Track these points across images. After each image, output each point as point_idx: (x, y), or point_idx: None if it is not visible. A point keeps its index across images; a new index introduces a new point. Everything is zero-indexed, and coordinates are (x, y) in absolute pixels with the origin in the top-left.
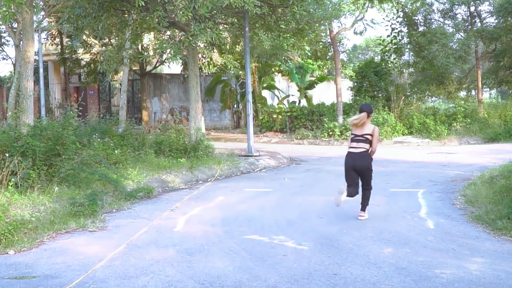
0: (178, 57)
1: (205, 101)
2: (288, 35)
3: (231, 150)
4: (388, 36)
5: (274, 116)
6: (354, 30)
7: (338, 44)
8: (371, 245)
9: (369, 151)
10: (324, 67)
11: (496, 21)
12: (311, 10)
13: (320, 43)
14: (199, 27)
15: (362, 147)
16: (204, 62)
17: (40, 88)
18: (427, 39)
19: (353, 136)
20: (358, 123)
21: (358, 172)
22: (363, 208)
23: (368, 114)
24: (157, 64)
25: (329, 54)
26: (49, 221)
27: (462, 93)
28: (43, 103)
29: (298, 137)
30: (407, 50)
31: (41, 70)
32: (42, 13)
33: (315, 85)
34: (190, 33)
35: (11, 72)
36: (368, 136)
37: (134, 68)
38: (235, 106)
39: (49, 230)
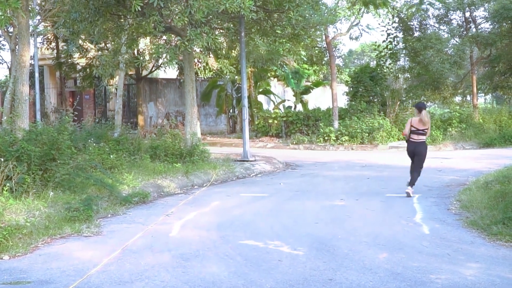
0: (174, 62)
1: (201, 106)
2: (284, 40)
3: (226, 155)
4: (384, 41)
5: (270, 121)
6: (350, 35)
7: (333, 49)
8: (367, 250)
9: (425, 141)
10: (320, 72)
11: (491, 26)
12: (307, 15)
13: (316, 48)
14: (195, 32)
15: (421, 138)
16: (200, 67)
17: (36, 93)
18: (422, 45)
19: (414, 129)
20: (419, 119)
21: (416, 155)
22: (411, 184)
23: (425, 110)
24: (153, 69)
25: (325, 59)
26: (44, 226)
27: (457, 98)
28: (38, 108)
29: (294, 142)
30: (402, 55)
31: (36, 75)
32: (38, 17)
33: (311, 90)
34: (186, 38)
35: (6, 76)
36: (426, 130)
37: (130, 73)
38: (231, 111)
39: (44, 235)
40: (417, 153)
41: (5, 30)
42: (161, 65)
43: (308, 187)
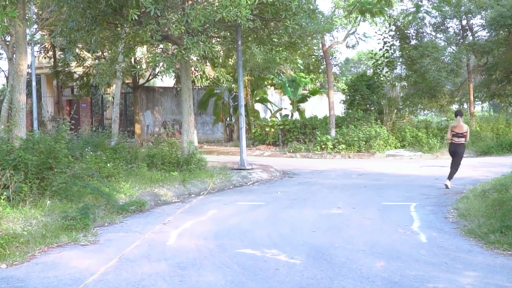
0: (171, 71)
1: (198, 114)
2: (280, 49)
3: (223, 163)
4: (380, 49)
5: (267, 129)
6: (347, 43)
7: (330, 57)
8: (364, 259)
9: (465, 142)
10: (317, 81)
11: (488, 34)
12: (304, 24)
13: (313, 56)
14: (191, 40)
15: (461, 141)
16: (197, 76)
17: (33, 101)
18: (419, 53)
19: (454, 133)
20: (457, 125)
21: (456, 155)
22: (449, 178)
23: (461, 116)
24: (150, 77)
25: (322, 67)
26: (40, 235)
27: (455, 106)
28: (35, 116)
29: (291, 150)
30: (399, 63)
31: (33, 83)
32: (35, 26)
33: (308, 99)
34: (183, 46)
35: (3, 85)
36: (465, 133)
37: (126, 81)
38: (227, 119)
39: (41, 244)
40: (456, 153)
41: (2, 39)
42: (158, 74)
43: (305, 196)
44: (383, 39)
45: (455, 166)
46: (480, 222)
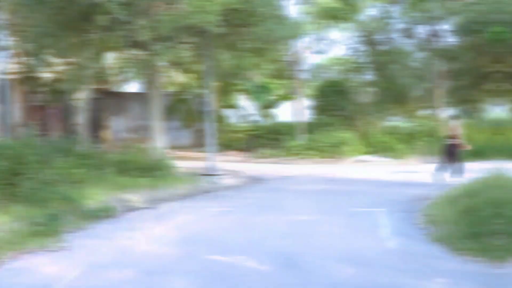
0: (139, 76)
1: (167, 120)
2: (249, 55)
3: (192, 169)
4: (349, 55)
5: (236, 135)
6: (315, 49)
7: (299, 63)
8: (333, 265)
9: (456, 142)
10: (286, 86)
11: (457, 40)
12: (271, 30)
13: (281, 62)
14: (160, 46)
15: (451, 141)
16: (166, 81)
17: (1, 107)
18: (387, 59)
19: (447, 135)
20: (449, 127)
21: (450, 155)
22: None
23: (453, 120)
24: (119, 83)
25: (290, 73)
26: (9, 241)
27: (423, 112)
28: (4, 122)
29: (260, 156)
30: (367, 69)
31: (2, 89)
32: (5, 31)
33: (277, 104)
34: (152, 52)
35: None
36: (455, 135)
37: (96, 87)
38: (196, 125)
39: (10, 250)
40: (449, 152)
41: None
42: (127, 80)
43: (274, 202)
44: (351, 45)
45: (458, 163)
46: (449, 228)
